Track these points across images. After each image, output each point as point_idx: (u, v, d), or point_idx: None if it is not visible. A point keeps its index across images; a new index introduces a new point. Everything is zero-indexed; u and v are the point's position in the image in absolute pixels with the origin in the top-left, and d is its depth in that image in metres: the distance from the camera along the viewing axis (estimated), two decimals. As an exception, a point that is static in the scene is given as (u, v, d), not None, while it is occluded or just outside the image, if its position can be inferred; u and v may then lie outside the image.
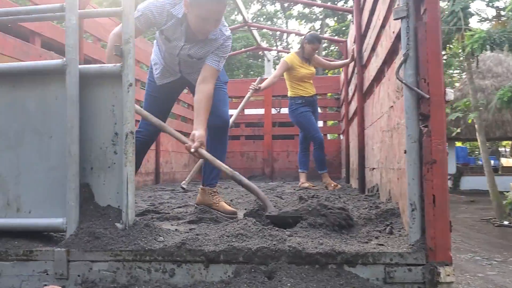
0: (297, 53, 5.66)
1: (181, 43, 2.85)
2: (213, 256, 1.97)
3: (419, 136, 1.95)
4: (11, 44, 3.53)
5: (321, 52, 22.86)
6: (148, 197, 4.05)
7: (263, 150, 8.82)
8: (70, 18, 2.16)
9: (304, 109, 5.60)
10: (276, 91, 8.41)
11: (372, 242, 2.06)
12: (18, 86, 2.24)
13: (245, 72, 16.94)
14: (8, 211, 2.22)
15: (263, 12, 23.36)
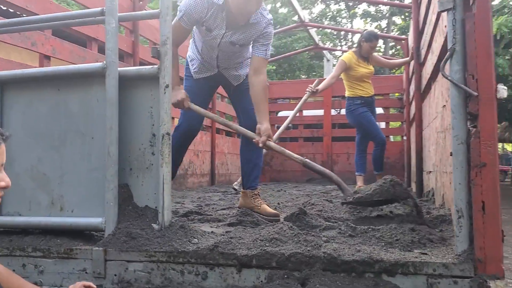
0: (355, 52, 5.48)
1: (222, 31, 2.80)
2: (246, 260, 1.92)
3: (467, 137, 1.80)
4: (68, 49, 3.68)
5: (388, 51, 22.24)
6: (197, 198, 4.08)
7: (322, 152, 8.67)
8: (109, 21, 2.19)
9: (363, 110, 5.41)
10: (336, 91, 8.23)
11: (415, 250, 1.92)
12: (63, 89, 2.32)
13: (306, 72, 16.81)
14: (52, 210, 2.30)
15: (325, 12, 23.06)
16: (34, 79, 2.33)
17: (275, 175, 8.92)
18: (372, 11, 24.21)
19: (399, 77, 8.67)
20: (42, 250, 2.15)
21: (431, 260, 1.76)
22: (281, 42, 15.15)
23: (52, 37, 3.54)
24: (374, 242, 2.00)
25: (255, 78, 2.84)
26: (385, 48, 23.09)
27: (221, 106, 7.23)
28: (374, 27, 25.36)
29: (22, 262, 2.17)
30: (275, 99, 9.48)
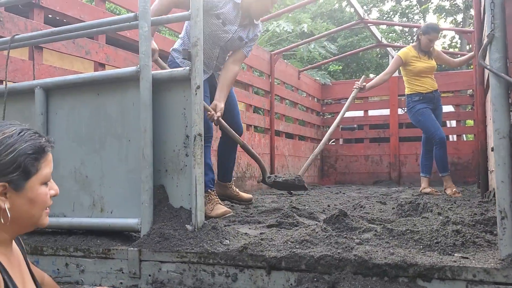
0: (414, 46, 5.21)
1: (234, 27, 3.10)
2: (275, 262, 1.87)
3: (510, 131, 1.64)
4: (121, 56, 3.82)
5: (465, 46, 21.10)
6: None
7: (389, 153, 8.36)
8: (142, 25, 2.24)
9: (421, 106, 5.11)
10: (402, 90, 7.91)
11: (456, 254, 1.77)
12: (102, 93, 2.39)
13: (375, 71, 16.33)
14: (94, 211, 2.38)
15: (396, 9, 22.29)
16: (76, 85, 2.42)
17: (340, 178, 8.74)
18: (446, 6, 23.11)
19: (469, 73, 8.19)
20: (83, 250, 2.23)
21: (471, 265, 1.62)
22: (347, 42, 14.85)
23: (106, 45, 3.69)
24: (412, 244, 1.87)
25: (232, 66, 3.22)
26: (461, 44, 21.95)
27: (280, 108, 7.19)
28: (449, 22, 24.19)
29: (65, 262, 2.26)
30: (338, 99, 9.29)
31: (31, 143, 1.32)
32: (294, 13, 10.88)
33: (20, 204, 1.31)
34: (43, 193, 1.35)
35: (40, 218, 1.38)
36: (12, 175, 1.27)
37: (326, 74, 10.37)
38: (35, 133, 1.36)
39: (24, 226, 1.38)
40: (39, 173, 1.33)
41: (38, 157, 1.33)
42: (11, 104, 2.51)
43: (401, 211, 2.72)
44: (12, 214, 1.29)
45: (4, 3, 2.70)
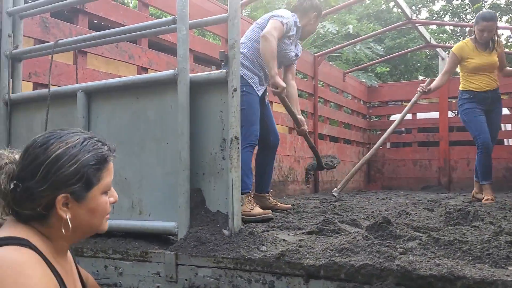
0: (472, 39, 4.83)
1: (293, 46, 3.51)
2: (313, 271, 1.80)
3: None
4: (164, 61, 3.86)
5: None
6: (291, 205, 3.98)
7: (438, 157, 8.07)
8: (181, 29, 2.23)
9: (469, 106, 4.70)
10: (453, 91, 7.60)
11: (509, 267, 1.64)
12: (141, 97, 2.40)
13: (424, 73, 15.84)
14: (132, 213, 2.38)
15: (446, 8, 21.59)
16: (116, 88, 2.44)
17: (387, 183, 8.51)
18: (502, 3, 22.19)
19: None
20: (121, 253, 2.23)
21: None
22: (395, 43, 14.47)
23: (148, 50, 3.73)
24: (460, 255, 1.75)
25: (293, 81, 3.65)
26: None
27: (324, 111, 7.08)
28: (505, 21, 23.20)
29: (104, 264, 2.27)
30: (385, 102, 9.07)
31: (93, 153, 1.30)
32: (339, 14, 10.72)
33: (81, 214, 1.30)
34: (103, 202, 1.35)
35: (100, 225, 1.38)
36: (75, 186, 1.26)
37: (373, 76, 10.14)
38: (98, 141, 1.35)
39: (84, 234, 1.38)
40: (100, 183, 1.32)
41: (101, 167, 1.32)
42: (54, 108, 2.56)
43: (449, 219, 2.58)
44: (73, 224, 1.28)
45: (50, 8, 2.77)
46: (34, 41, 3.04)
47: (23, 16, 2.81)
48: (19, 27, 2.81)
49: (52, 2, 2.69)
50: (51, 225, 1.28)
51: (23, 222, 1.27)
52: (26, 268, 1.14)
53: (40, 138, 1.30)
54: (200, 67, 4.30)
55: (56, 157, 1.25)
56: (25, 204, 1.24)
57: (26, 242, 1.22)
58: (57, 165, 1.24)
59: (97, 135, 1.39)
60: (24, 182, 1.24)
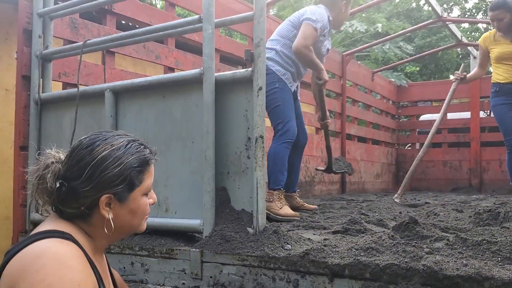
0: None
1: (328, 40, 3.45)
2: (338, 270, 1.79)
3: None
4: (190, 61, 3.88)
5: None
6: (317, 205, 3.96)
7: (469, 158, 7.87)
8: (206, 28, 2.24)
9: (496, 101, 4.44)
10: (484, 91, 7.42)
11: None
12: (167, 96, 2.43)
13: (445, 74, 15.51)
14: (159, 211, 2.41)
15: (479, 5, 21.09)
16: (142, 88, 2.48)
17: (416, 184, 8.34)
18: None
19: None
20: (147, 249, 2.26)
21: (557, 282, 1.44)
22: (425, 42, 14.20)
23: (175, 50, 3.77)
24: (488, 256, 1.71)
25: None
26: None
27: (352, 111, 7.01)
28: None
29: (131, 260, 2.31)
30: (415, 101, 8.92)
31: (137, 156, 1.34)
32: (368, 13, 10.61)
33: (122, 214, 1.34)
34: (144, 203, 1.39)
35: (139, 226, 1.42)
36: (118, 188, 1.30)
37: (402, 76, 9.98)
38: (141, 144, 1.38)
39: (124, 233, 1.43)
40: (142, 185, 1.36)
41: (143, 169, 1.35)
42: (83, 107, 2.62)
43: (479, 219, 2.52)
44: (115, 224, 1.32)
45: (79, 9, 2.83)
46: (64, 41, 3.11)
47: (53, 17, 2.89)
48: (49, 28, 2.89)
49: (82, 2, 2.75)
50: (94, 224, 1.32)
51: (66, 219, 1.31)
52: (68, 260, 1.17)
53: (86, 139, 1.33)
54: (227, 67, 4.32)
55: (102, 159, 1.28)
56: (69, 203, 1.28)
57: (69, 236, 1.25)
58: (102, 166, 1.28)
59: (140, 138, 1.42)
60: (69, 182, 1.27)
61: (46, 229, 1.26)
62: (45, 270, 1.12)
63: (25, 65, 2.83)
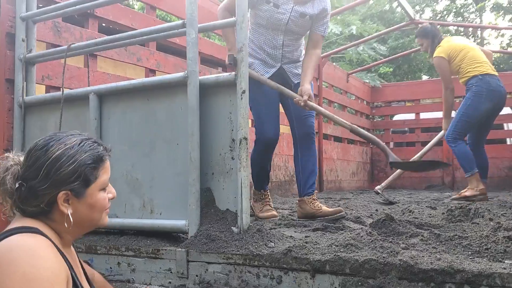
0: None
1: (290, 5, 2.88)
2: (319, 266, 1.87)
3: None
4: (171, 63, 3.93)
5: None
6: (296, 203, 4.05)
7: (441, 157, 8.11)
8: (190, 32, 2.30)
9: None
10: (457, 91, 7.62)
11: (506, 261, 1.71)
12: (151, 99, 2.48)
13: (428, 73, 15.89)
14: (143, 212, 2.46)
15: (450, 8, 21.60)
16: (127, 91, 2.53)
17: (391, 182, 8.54)
18: (504, 3, 22.17)
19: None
20: (134, 250, 2.31)
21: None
22: (398, 43, 14.52)
23: (156, 52, 3.81)
24: (460, 250, 1.83)
25: (313, 50, 3.02)
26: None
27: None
28: (508, 19, 23.17)
29: (117, 261, 2.35)
30: (389, 102, 9.13)
31: (90, 153, 1.41)
32: (342, 15, 10.78)
33: (81, 209, 1.41)
34: (101, 198, 1.46)
35: (100, 220, 1.49)
36: (74, 184, 1.37)
37: (376, 76, 10.19)
38: (94, 142, 1.46)
39: (86, 227, 1.49)
40: (98, 181, 1.43)
41: (97, 165, 1.43)
42: (67, 110, 2.65)
43: (451, 216, 2.65)
44: (74, 219, 1.39)
45: (62, 13, 2.85)
46: (47, 45, 3.12)
47: (36, 21, 2.90)
48: (32, 32, 2.90)
49: (65, 7, 2.78)
50: (55, 220, 1.40)
51: (31, 217, 1.38)
52: (38, 250, 1.25)
53: (41, 141, 1.41)
54: (207, 68, 4.38)
55: (56, 158, 1.36)
56: (30, 202, 1.36)
57: (36, 230, 1.34)
58: (57, 165, 1.36)
59: (94, 137, 1.50)
60: (28, 182, 1.35)
61: (13, 227, 1.33)
62: (18, 261, 1.20)
63: (9, 69, 2.85)
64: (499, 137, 8.10)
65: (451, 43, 4.64)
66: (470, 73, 4.43)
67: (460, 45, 4.59)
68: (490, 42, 24.87)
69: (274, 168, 5.35)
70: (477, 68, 4.43)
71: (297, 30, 2.97)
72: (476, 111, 4.39)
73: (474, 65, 4.45)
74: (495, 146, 7.86)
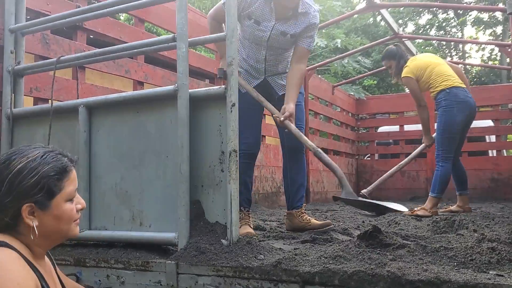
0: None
1: (271, 22, 2.85)
2: (308, 277, 1.89)
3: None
4: (159, 75, 3.96)
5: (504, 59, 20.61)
6: (284, 216, 4.07)
7: (426, 169, 8.23)
8: (180, 46, 2.33)
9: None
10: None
11: (491, 272, 1.76)
12: (141, 111, 2.49)
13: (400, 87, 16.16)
14: (133, 225, 2.46)
15: (432, 22, 22.03)
16: (117, 103, 2.54)
17: (376, 193, 8.59)
18: (485, 18, 22.67)
19: (508, 86, 8.03)
20: (123, 262, 2.31)
21: (506, 283, 1.60)
22: (382, 56, 14.76)
23: (144, 64, 3.83)
24: (446, 261, 1.87)
25: (296, 65, 2.93)
26: (501, 57, 21.45)
27: (314, 123, 7.22)
28: (488, 34, 23.70)
29: (107, 273, 2.34)
30: (373, 114, 9.25)
31: (53, 165, 1.43)
32: (327, 29, 10.92)
33: (47, 221, 1.42)
34: (68, 209, 1.47)
35: (69, 231, 1.50)
36: (37, 196, 1.39)
37: (361, 89, 10.33)
38: (58, 154, 1.48)
39: (55, 239, 1.50)
40: (63, 192, 1.45)
41: (61, 177, 1.44)
42: (56, 122, 2.64)
43: (436, 227, 2.70)
44: (41, 230, 1.41)
45: (51, 26, 2.86)
46: (35, 57, 3.12)
47: (25, 33, 2.90)
48: (21, 44, 2.90)
49: (54, 19, 2.78)
50: (22, 233, 1.41)
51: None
52: (5, 263, 1.27)
53: (4, 156, 1.44)
54: (195, 80, 4.41)
55: (18, 171, 1.38)
56: None
57: (3, 243, 1.35)
58: (19, 178, 1.38)
59: (58, 149, 1.52)
60: None
61: None
62: None
63: (-3, 81, 2.84)
64: (481, 149, 8.25)
65: (416, 61, 4.75)
66: (438, 88, 4.52)
67: (426, 62, 4.70)
68: (472, 56, 25.37)
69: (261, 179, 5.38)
70: (443, 82, 4.53)
71: (279, 46, 2.95)
72: (454, 124, 4.47)
73: (440, 79, 4.55)
74: (477, 158, 8.01)
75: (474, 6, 13.45)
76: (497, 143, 8.08)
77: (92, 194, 2.57)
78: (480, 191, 7.73)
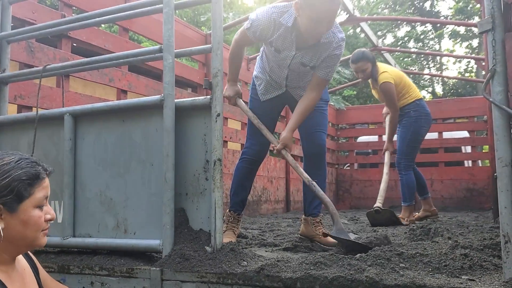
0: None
1: (292, 52, 2.77)
2: (290, 283, 1.95)
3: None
4: (143, 84, 3.99)
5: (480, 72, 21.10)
6: (265, 224, 4.14)
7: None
8: (167, 57, 2.39)
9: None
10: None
11: (463, 277, 1.85)
12: (127, 120, 2.53)
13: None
14: (117, 232, 2.49)
15: (411, 34, 22.47)
16: (102, 112, 2.57)
17: (355, 202, 8.76)
18: (461, 31, 23.21)
19: (484, 99, 8.23)
20: (108, 269, 2.33)
21: (477, 287, 1.69)
22: (362, 67, 15.01)
23: (128, 73, 3.87)
24: (421, 267, 1.95)
25: (310, 92, 2.82)
26: (477, 69, 21.97)
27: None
28: (465, 47, 24.23)
29: (91, 280, 2.37)
30: (353, 124, 9.40)
31: (26, 170, 1.47)
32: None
33: (14, 225, 1.46)
34: (36, 215, 1.50)
35: (36, 239, 1.52)
36: (6, 198, 1.43)
37: (341, 99, 10.49)
38: (33, 162, 1.52)
39: (20, 246, 1.52)
40: (32, 197, 1.48)
41: (32, 183, 1.48)
42: (41, 130, 2.66)
43: (413, 235, 2.79)
44: (7, 234, 1.44)
45: (37, 35, 2.89)
46: (20, 64, 3.14)
47: (10, 41, 2.92)
48: (6, 52, 2.91)
49: (39, 29, 2.81)
50: None
51: None
52: None
53: None
54: (178, 89, 4.45)
55: None
56: None
57: None
58: None
59: (34, 158, 1.57)
60: None
61: None
62: None
63: (-18, 88, 2.84)
64: (457, 159, 8.44)
65: (393, 69, 4.84)
66: (410, 99, 4.63)
67: (399, 72, 4.83)
68: (449, 68, 25.88)
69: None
70: (414, 94, 4.65)
71: (302, 72, 2.90)
72: (420, 135, 4.62)
73: (411, 90, 4.66)
74: (454, 168, 8.20)
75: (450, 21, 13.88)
76: (472, 154, 8.28)
77: (77, 202, 2.59)
78: (456, 201, 7.91)
